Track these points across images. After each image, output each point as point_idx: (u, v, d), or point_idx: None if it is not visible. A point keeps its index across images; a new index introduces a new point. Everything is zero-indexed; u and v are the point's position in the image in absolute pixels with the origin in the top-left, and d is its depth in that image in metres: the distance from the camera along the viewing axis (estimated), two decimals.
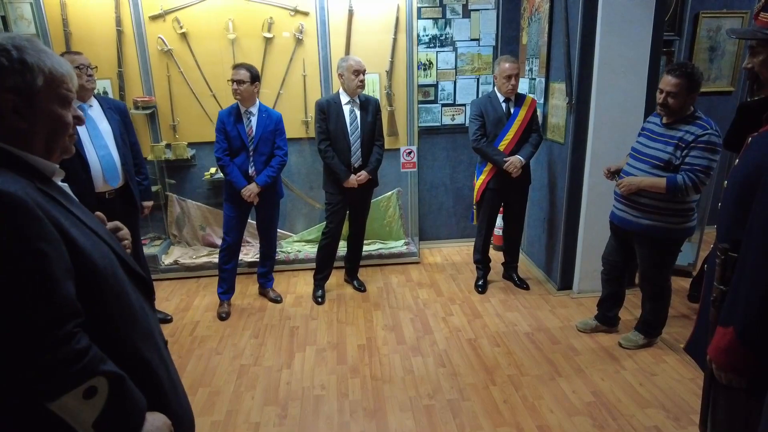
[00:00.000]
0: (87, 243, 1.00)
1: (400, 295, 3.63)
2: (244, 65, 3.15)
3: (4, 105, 0.95)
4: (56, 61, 1.03)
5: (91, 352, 0.93)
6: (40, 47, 1.01)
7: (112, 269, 1.04)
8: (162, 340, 1.21)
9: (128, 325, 1.07)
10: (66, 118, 1.04)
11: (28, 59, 0.97)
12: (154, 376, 1.11)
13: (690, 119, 2.50)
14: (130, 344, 1.06)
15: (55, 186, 1.05)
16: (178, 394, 1.20)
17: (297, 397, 2.54)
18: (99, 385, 0.93)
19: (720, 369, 1.32)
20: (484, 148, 3.36)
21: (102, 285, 1.01)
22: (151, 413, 1.06)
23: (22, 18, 3.69)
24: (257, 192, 3.21)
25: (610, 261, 2.90)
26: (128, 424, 1.00)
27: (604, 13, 3.03)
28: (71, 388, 0.90)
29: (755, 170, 1.25)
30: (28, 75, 0.97)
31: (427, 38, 4.05)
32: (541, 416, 2.36)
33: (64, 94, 1.04)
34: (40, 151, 1.02)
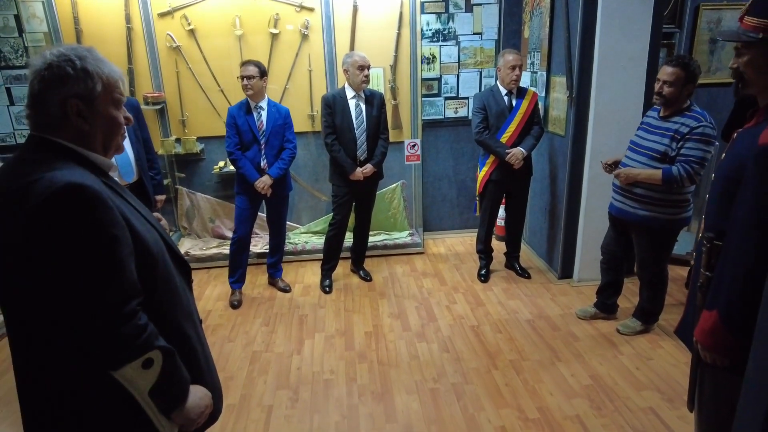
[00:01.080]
0: (143, 230, 1.12)
1: (405, 285, 3.74)
2: (252, 61, 3.24)
3: (70, 109, 1.06)
4: (111, 68, 1.14)
5: (149, 328, 1.05)
6: (97, 56, 1.12)
7: (161, 253, 1.16)
8: (198, 318, 1.33)
9: (174, 304, 1.19)
10: (119, 119, 1.16)
11: (89, 67, 1.08)
12: (194, 352, 1.23)
13: (686, 112, 2.58)
14: (176, 322, 1.19)
15: (112, 180, 1.18)
16: (211, 369, 1.33)
17: (307, 381, 2.66)
18: (155, 358, 1.05)
19: (705, 350, 1.42)
20: (486, 141, 3.44)
21: (154, 267, 1.13)
22: (194, 386, 1.18)
23: (35, 16, 3.78)
24: (270, 184, 3.31)
25: (609, 250, 2.99)
26: (178, 393, 1.12)
27: (604, 7, 3.10)
28: (133, 359, 1.02)
29: (738, 165, 1.33)
30: (90, 82, 1.08)
31: (431, 33, 4.12)
32: (541, 398, 2.47)
33: (118, 97, 1.15)
34: (99, 149, 1.13)
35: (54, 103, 1.06)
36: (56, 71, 1.05)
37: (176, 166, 4.21)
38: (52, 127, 1.08)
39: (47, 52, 1.08)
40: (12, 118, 3.97)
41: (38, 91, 1.06)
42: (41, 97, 1.06)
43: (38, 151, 1.06)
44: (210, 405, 1.23)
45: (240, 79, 3.23)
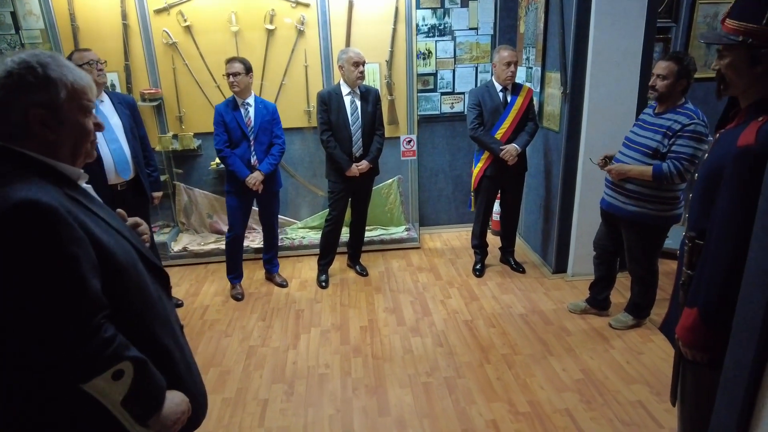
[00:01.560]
0: (110, 241, 1.10)
1: (400, 279, 3.78)
2: (237, 58, 3.24)
3: (33, 119, 1.04)
4: (77, 74, 1.11)
5: (117, 340, 1.05)
6: (62, 62, 1.09)
7: (133, 264, 1.15)
8: (178, 325, 1.34)
9: (148, 313, 1.18)
10: (88, 126, 1.13)
11: (52, 75, 1.05)
12: (171, 359, 1.23)
13: (679, 109, 2.59)
14: (150, 331, 1.18)
15: (81, 189, 1.15)
16: (193, 374, 1.32)
17: (303, 375, 2.71)
18: (125, 369, 1.05)
19: (686, 346, 1.46)
20: (481, 137, 3.46)
21: (124, 279, 1.12)
22: (171, 391, 1.18)
23: (31, 13, 3.79)
24: (261, 180, 3.33)
25: (601, 246, 3.02)
26: (151, 402, 1.12)
27: (598, 3, 3.10)
28: (101, 372, 1.02)
29: (719, 166, 1.36)
30: (53, 90, 1.05)
31: (426, 28, 4.12)
32: (532, 392, 2.51)
33: (86, 104, 1.12)
34: (66, 158, 1.11)
35: (16, 113, 1.04)
36: (17, 79, 1.03)
37: (174, 162, 4.24)
38: (15, 137, 1.05)
39: (8, 59, 1.05)
40: None
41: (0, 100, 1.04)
42: (3, 106, 1.04)
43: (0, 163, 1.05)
44: (188, 410, 1.22)
45: (226, 77, 3.23)
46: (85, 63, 2.80)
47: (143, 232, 1.37)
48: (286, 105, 4.14)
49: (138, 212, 3.17)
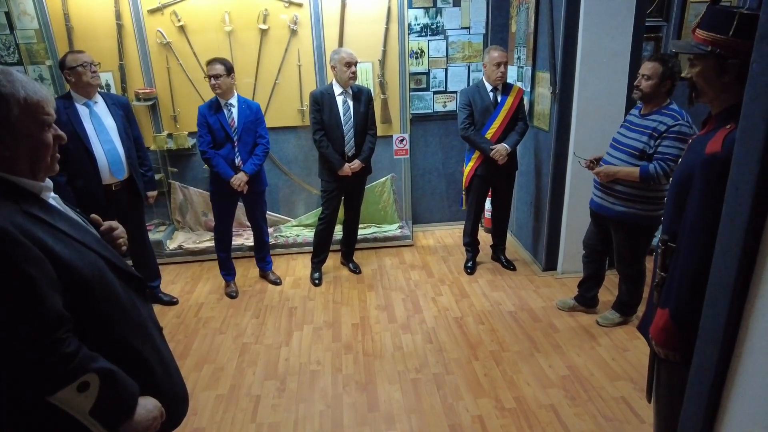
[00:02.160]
0: (72, 255, 1.11)
1: (393, 277, 3.83)
2: (218, 59, 3.21)
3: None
4: (31, 88, 1.10)
5: (81, 354, 1.07)
6: (13, 78, 1.08)
7: (99, 274, 1.17)
8: (156, 328, 1.36)
9: (119, 321, 1.21)
10: (47, 140, 1.13)
11: (2, 91, 1.05)
12: (146, 363, 1.26)
13: (664, 110, 2.63)
14: (122, 338, 1.21)
15: (42, 204, 1.14)
16: (171, 376, 1.35)
17: (295, 372, 2.76)
18: (91, 380, 1.08)
19: (659, 345, 1.51)
20: (471, 137, 3.50)
21: (90, 290, 1.13)
22: (144, 397, 1.22)
23: (25, 13, 3.81)
24: (246, 180, 3.35)
25: (590, 245, 3.07)
26: (121, 410, 1.16)
27: (587, 5, 3.13)
28: (65, 385, 1.05)
29: (690, 171, 1.41)
30: (4, 106, 1.05)
31: (419, 27, 4.15)
32: (518, 388, 2.57)
33: (43, 118, 1.11)
34: (25, 173, 1.11)
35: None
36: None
37: (169, 160, 4.27)
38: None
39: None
40: None
41: None
42: None
43: None
44: (160, 415, 1.25)
45: (207, 79, 3.22)
46: (79, 65, 2.83)
47: (118, 237, 1.38)
48: (280, 104, 4.18)
49: (133, 211, 3.26)
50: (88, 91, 2.93)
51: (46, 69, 3.96)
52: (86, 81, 2.88)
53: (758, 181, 1.08)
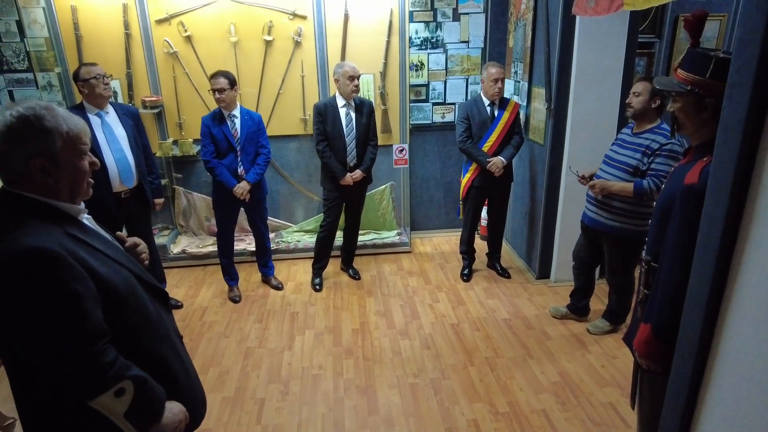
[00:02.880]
0: (110, 273, 1.22)
1: (391, 283, 3.94)
2: (221, 73, 3.30)
3: (33, 167, 1.16)
4: (72, 122, 1.21)
5: (118, 363, 1.19)
6: (56, 113, 1.19)
7: (132, 290, 1.28)
8: (178, 336, 1.48)
9: (148, 332, 1.33)
10: (84, 167, 1.24)
11: (47, 125, 1.16)
12: (171, 371, 1.37)
13: (656, 129, 2.76)
14: (150, 348, 1.33)
15: (80, 225, 1.25)
16: (192, 381, 1.47)
17: (297, 375, 2.87)
18: (126, 387, 1.20)
19: (641, 357, 1.63)
20: (469, 149, 3.63)
21: (124, 305, 1.25)
22: (170, 402, 1.33)
23: (36, 22, 3.91)
24: (248, 189, 3.45)
25: (580, 257, 3.19)
26: (151, 413, 1.27)
27: (582, 24, 3.26)
28: (104, 391, 1.17)
29: (671, 198, 1.53)
30: (50, 139, 1.16)
31: (419, 40, 4.27)
32: (511, 394, 2.69)
33: (81, 148, 1.23)
34: (65, 198, 1.23)
35: (18, 162, 1.14)
36: (16, 133, 1.13)
37: (173, 167, 4.37)
38: (19, 183, 1.17)
39: (7, 112, 1.15)
40: None
41: (3, 151, 1.14)
42: (6, 156, 1.14)
43: (5, 208, 1.17)
44: (185, 418, 1.37)
45: (212, 93, 3.32)
46: (92, 77, 2.93)
47: (142, 252, 1.50)
48: (283, 113, 4.29)
49: (140, 217, 3.36)
50: (99, 102, 3.03)
51: (55, 76, 4.05)
52: (99, 92, 2.98)
53: (728, 213, 1.20)
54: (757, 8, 1.07)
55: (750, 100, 1.11)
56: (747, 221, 1.19)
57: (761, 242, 1.15)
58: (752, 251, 1.18)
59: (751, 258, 1.18)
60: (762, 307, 1.15)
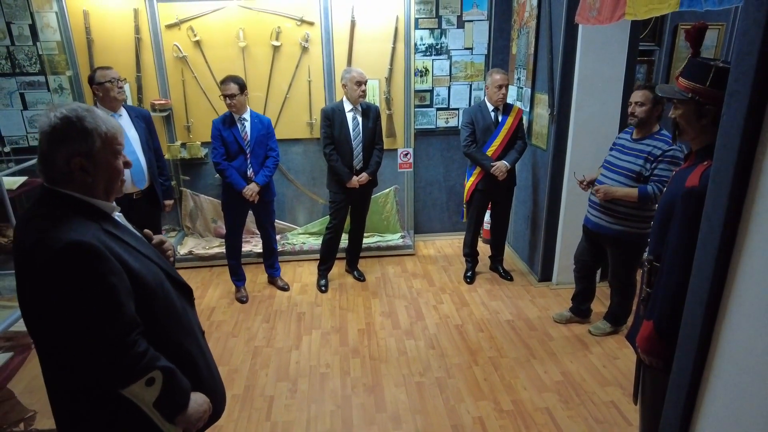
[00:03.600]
0: (141, 267, 1.28)
1: (396, 285, 4.01)
2: (230, 78, 3.39)
3: (74, 166, 1.23)
4: (109, 124, 1.28)
5: (149, 353, 1.25)
6: (96, 115, 1.26)
7: (160, 284, 1.35)
8: (200, 331, 1.54)
9: (175, 326, 1.39)
10: (119, 167, 1.31)
11: (88, 127, 1.23)
12: (194, 363, 1.43)
13: (656, 135, 2.83)
14: (176, 341, 1.38)
15: (114, 221, 1.32)
16: (213, 374, 1.53)
17: (305, 374, 2.93)
18: (156, 376, 1.26)
19: (644, 353, 1.70)
20: (473, 154, 3.70)
21: (153, 298, 1.31)
22: (194, 393, 1.39)
23: (48, 26, 3.98)
24: (257, 191, 3.53)
25: (582, 261, 3.26)
26: (178, 403, 1.33)
27: (584, 33, 3.34)
28: (136, 380, 1.23)
29: (672, 200, 1.60)
30: (90, 140, 1.23)
31: (424, 47, 4.35)
32: (515, 392, 2.75)
33: (116, 148, 1.30)
34: (101, 196, 1.29)
35: (60, 161, 1.21)
36: (59, 133, 1.20)
37: (181, 169, 4.44)
38: (60, 181, 1.24)
39: (51, 113, 1.22)
40: (25, 122, 4.18)
41: (46, 151, 1.22)
42: (49, 155, 1.22)
43: (47, 205, 1.23)
44: (209, 409, 1.43)
45: (223, 98, 3.40)
46: (107, 81, 3.00)
47: (167, 249, 1.56)
48: (290, 117, 4.37)
49: (151, 218, 3.44)
50: (113, 105, 3.10)
51: (66, 79, 4.12)
52: (113, 96, 3.05)
53: (727, 214, 1.27)
54: (755, 22, 1.15)
55: (748, 108, 1.18)
56: (745, 222, 1.26)
57: (759, 242, 1.22)
58: (750, 251, 1.24)
59: (750, 257, 1.25)
60: (760, 303, 1.22)
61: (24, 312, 1.24)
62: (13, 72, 4.06)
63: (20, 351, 1.90)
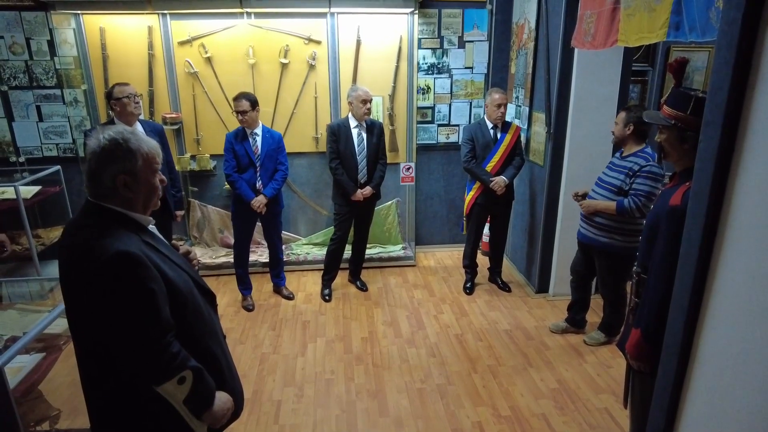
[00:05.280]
0: (174, 275, 1.40)
1: (397, 295, 4.13)
2: (243, 95, 3.54)
3: (119, 183, 1.35)
4: (149, 145, 1.40)
5: (182, 354, 1.37)
6: (138, 136, 1.39)
7: (190, 290, 1.47)
8: (222, 335, 1.66)
9: (202, 329, 1.51)
10: (156, 183, 1.44)
11: (132, 147, 1.36)
12: (218, 365, 1.55)
13: (639, 153, 2.99)
14: (203, 343, 1.50)
15: (150, 233, 1.45)
16: (233, 376, 1.65)
17: (311, 380, 3.04)
18: (187, 376, 1.38)
19: (632, 359, 1.82)
20: (473, 169, 3.85)
21: (185, 303, 1.43)
22: (219, 392, 1.51)
23: (66, 42, 4.14)
24: (265, 203, 3.66)
25: (577, 271, 3.40)
26: (205, 401, 1.45)
27: (580, 55, 3.51)
28: (170, 378, 1.35)
29: (657, 218, 1.74)
30: (133, 159, 1.36)
31: (426, 66, 4.53)
32: (513, 399, 2.86)
33: (155, 167, 1.42)
34: (139, 210, 1.42)
35: (107, 178, 1.34)
36: (108, 153, 1.33)
37: (190, 180, 4.58)
38: (105, 196, 1.36)
39: (101, 135, 1.35)
40: (40, 133, 4.32)
41: (95, 169, 1.34)
42: (97, 173, 1.34)
43: (94, 216, 1.36)
44: (232, 407, 1.54)
45: (235, 114, 3.56)
46: (124, 96, 3.15)
47: (194, 258, 1.69)
48: (296, 132, 4.52)
49: (162, 228, 3.55)
50: (129, 119, 3.25)
51: (81, 93, 4.27)
52: (129, 111, 3.20)
53: (704, 231, 1.41)
54: (725, 62, 1.30)
55: (720, 136, 1.33)
56: (720, 237, 1.40)
57: (734, 256, 1.35)
58: (726, 263, 1.38)
59: (726, 269, 1.38)
60: (735, 311, 1.35)
61: (69, 311, 1.37)
62: (30, 85, 4.21)
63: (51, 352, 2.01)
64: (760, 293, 1.25)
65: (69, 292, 1.37)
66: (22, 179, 4.01)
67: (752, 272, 1.28)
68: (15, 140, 4.31)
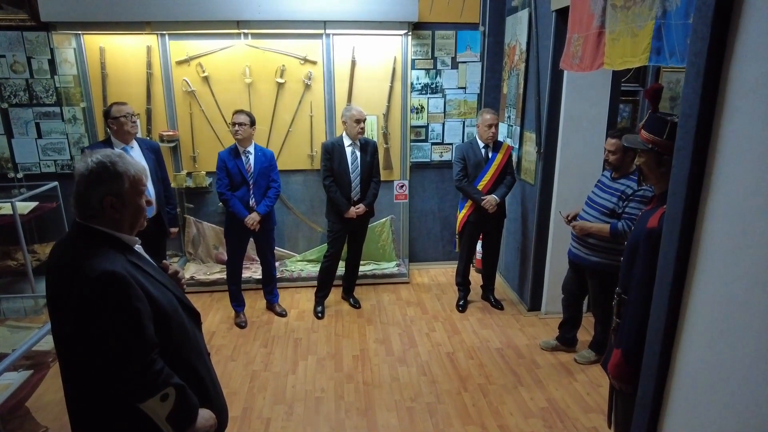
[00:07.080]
0: (159, 294, 1.44)
1: (390, 312, 4.14)
2: (244, 111, 3.63)
3: (106, 204, 1.39)
4: (136, 167, 1.45)
5: (165, 371, 1.40)
6: (125, 160, 1.44)
7: (174, 309, 1.50)
8: (206, 353, 1.68)
9: (186, 347, 1.54)
10: (143, 205, 1.49)
11: (120, 170, 1.40)
12: (202, 381, 1.57)
13: (631, 176, 3.03)
14: (187, 361, 1.53)
15: (136, 253, 1.49)
16: (218, 392, 1.68)
17: (301, 398, 3.04)
18: (170, 392, 1.40)
19: (614, 379, 1.84)
20: (465, 187, 3.90)
21: (169, 322, 1.47)
22: (202, 409, 1.53)
23: (66, 61, 4.22)
24: (259, 220, 3.70)
25: (568, 290, 3.42)
26: (188, 418, 1.47)
27: (569, 76, 3.58)
28: (153, 395, 1.38)
29: (636, 240, 1.77)
30: (120, 181, 1.40)
31: (420, 86, 4.61)
32: (502, 418, 2.86)
33: (141, 189, 1.47)
34: (126, 230, 1.46)
35: (95, 200, 1.38)
36: (95, 176, 1.38)
37: (186, 197, 4.62)
38: (92, 217, 1.40)
39: (89, 159, 1.39)
40: (39, 149, 4.37)
41: (83, 191, 1.39)
42: (85, 195, 1.39)
43: (82, 237, 1.40)
44: (215, 424, 1.56)
45: (231, 126, 3.62)
46: (122, 115, 3.21)
47: (181, 278, 1.72)
48: (292, 149, 4.58)
49: (157, 244, 3.60)
50: (126, 138, 3.30)
51: (80, 110, 4.34)
52: (126, 129, 3.25)
53: (678, 253, 1.45)
54: (693, 91, 1.35)
55: (691, 162, 1.37)
56: (694, 259, 1.43)
57: (707, 277, 1.39)
58: (699, 285, 1.41)
59: (699, 290, 1.42)
60: (710, 331, 1.38)
61: (55, 329, 1.40)
62: (30, 103, 4.28)
63: (39, 369, 2.03)
64: (733, 313, 1.28)
65: (56, 310, 1.40)
66: (19, 195, 4.06)
67: (725, 294, 1.31)
68: (14, 156, 4.36)
